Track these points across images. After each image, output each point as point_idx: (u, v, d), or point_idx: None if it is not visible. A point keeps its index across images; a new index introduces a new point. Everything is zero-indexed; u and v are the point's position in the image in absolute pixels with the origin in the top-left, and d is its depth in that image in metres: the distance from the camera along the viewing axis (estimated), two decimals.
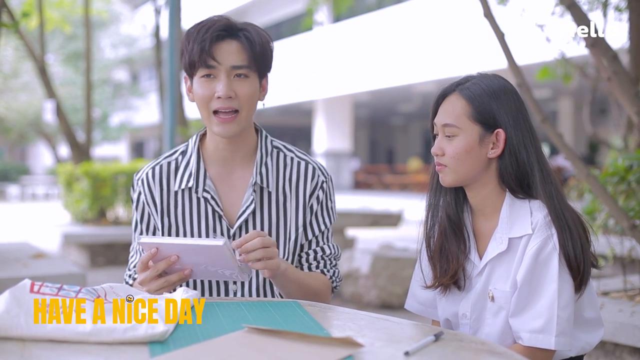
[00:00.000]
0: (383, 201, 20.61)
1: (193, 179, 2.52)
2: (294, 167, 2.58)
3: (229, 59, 2.40)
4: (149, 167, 2.59)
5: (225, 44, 2.41)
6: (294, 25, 28.57)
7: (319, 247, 2.59)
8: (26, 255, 5.42)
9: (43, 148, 41.50)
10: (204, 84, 2.42)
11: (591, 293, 2.30)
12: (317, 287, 2.52)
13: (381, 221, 9.65)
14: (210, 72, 2.40)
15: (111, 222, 10.95)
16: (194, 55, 2.39)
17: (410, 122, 41.69)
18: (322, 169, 2.62)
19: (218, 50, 2.39)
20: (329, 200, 2.62)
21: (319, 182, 2.58)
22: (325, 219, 2.61)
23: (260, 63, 2.46)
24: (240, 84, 2.42)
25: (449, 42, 21.41)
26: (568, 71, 7.13)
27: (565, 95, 26.89)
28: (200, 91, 2.43)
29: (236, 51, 2.41)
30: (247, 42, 2.42)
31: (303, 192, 2.56)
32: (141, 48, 33.58)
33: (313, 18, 10.83)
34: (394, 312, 6.58)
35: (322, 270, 2.59)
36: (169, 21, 9.39)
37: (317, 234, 2.59)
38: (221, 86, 2.38)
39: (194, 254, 2.19)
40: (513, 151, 2.25)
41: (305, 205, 2.56)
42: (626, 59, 4.71)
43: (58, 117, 12.18)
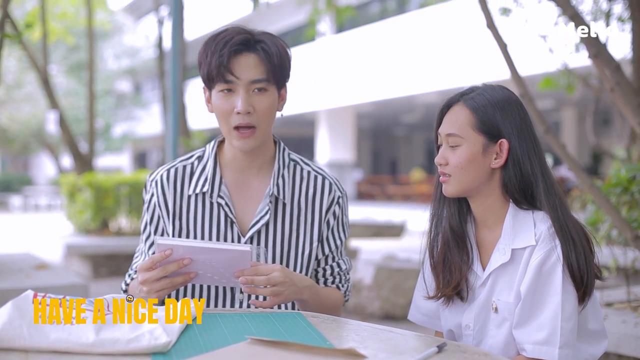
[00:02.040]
0: (386, 212, 20.61)
1: (208, 183, 2.52)
2: (310, 181, 2.59)
3: (247, 74, 2.40)
4: (163, 169, 2.60)
5: (244, 58, 2.40)
6: (297, 36, 28.61)
7: (335, 262, 2.61)
8: (29, 266, 5.42)
9: (46, 159, 41.56)
10: (222, 98, 2.42)
11: (595, 305, 2.29)
12: (332, 302, 2.56)
13: (384, 232, 9.66)
14: (228, 86, 2.40)
15: (114, 233, 10.95)
16: (212, 70, 2.39)
17: (413, 133, 41.71)
18: (338, 184, 2.63)
19: (236, 65, 2.39)
20: (344, 216, 2.64)
21: (335, 197, 2.59)
22: (340, 234, 2.62)
23: (278, 75, 2.46)
24: (258, 99, 2.43)
25: (451, 53, 21.44)
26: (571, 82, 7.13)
27: (568, 105, 26.90)
28: (219, 105, 2.43)
29: (254, 65, 2.41)
30: (265, 55, 2.42)
31: (320, 207, 2.57)
32: (144, 59, 33.67)
33: (315, 29, 10.85)
34: (397, 324, 6.57)
35: (338, 285, 2.61)
36: (172, 32, 9.40)
37: (333, 248, 2.60)
38: (240, 101, 2.39)
39: (208, 259, 2.18)
40: (517, 161, 2.25)
41: (322, 220, 2.57)
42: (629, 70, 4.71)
43: (61, 128, 12.21)
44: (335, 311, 2.54)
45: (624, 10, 5.84)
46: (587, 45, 3.86)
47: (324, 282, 2.60)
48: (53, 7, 15.57)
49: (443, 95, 2.36)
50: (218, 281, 2.27)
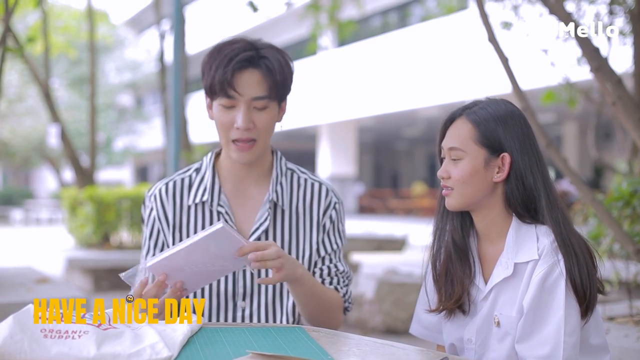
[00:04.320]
0: (387, 226, 20.61)
1: (208, 193, 2.54)
2: (307, 187, 2.61)
3: (250, 91, 2.41)
4: (162, 184, 2.61)
5: (247, 74, 2.41)
6: (299, 50, 28.68)
7: (332, 263, 2.60)
8: (30, 280, 5.41)
9: (47, 172, 41.58)
10: (223, 111, 2.43)
11: (597, 319, 2.28)
12: (330, 302, 2.53)
13: (386, 246, 9.63)
14: (230, 102, 2.41)
15: (115, 247, 10.95)
16: (215, 84, 2.40)
17: (415, 147, 41.75)
18: (334, 191, 2.65)
19: (239, 81, 2.39)
20: (339, 223, 2.64)
21: (331, 202, 2.61)
22: (337, 239, 2.62)
23: (280, 91, 2.48)
24: (259, 115, 2.44)
25: (453, 67, 21.48)
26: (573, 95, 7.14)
27: (570, 119, 26.93)
28: (220, 118, 2.44)
29: (257, 82, 2.42)
30: (268, 73, 2.43)
31: (317, 211, 2.59)
32: (146, 73, 33.74)
33: (317, 42, 10.86)
34: (398, 338, 6.55)
35: (336, 287, 2.60)
36: (174, 46, 9.41)
37: (330, 251, 2.60)
38: (240, 118, 2.40)
39: (199, 254, 2.17)
40: (519, 176, 2.25)
41: (319, 223, 2.58)
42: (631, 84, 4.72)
43: (62, 142, 12.23)
44: (333, 313, 2.53)
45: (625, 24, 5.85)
46: (588, 59, 3.86)
47: (322, 282, 2.58)
48: (55, 21, 15.63)
49: (444, 109, 2.36)
50: (222, 271, 2.24)
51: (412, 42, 24.05)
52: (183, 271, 2.18)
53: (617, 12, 5.96)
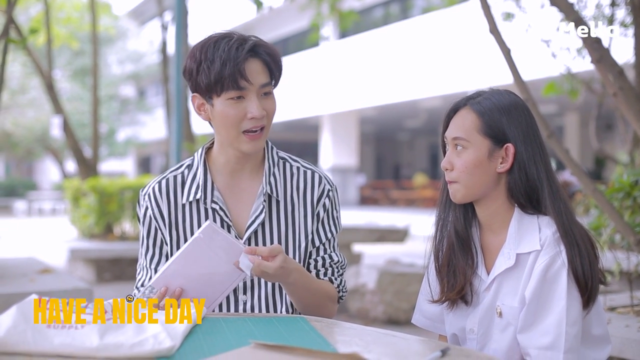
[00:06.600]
0: (389, 216, 20.58)
1: (201, 190, 2.52)
2: (300, 176, 2.60)
3: (258, 79, 2.41)
4: (155, 182, 2.60)
5: (253, 63, 2.42)
6: (300, 41, 28.63)
7: (326, 254, 2.59)
8: (33, 271, 5.41)
9: (50, 163, 41.61)
10: (233, 105, 2.41)
11: (599, 310, 2.29)
12: (324, 295, 2.53)
13: (387, 236, 9.62)
14: (240, 93, 2.40)
15: (118, 238, 10.95)
16: (224, 78, 2.37)
17: (417, 138, 41.69)
18: (327, 178, 2.64)
19: (248, 71, 2.39)
20: (334, 210, 2.63)
21: (325, 190, 2.60)
22: (331, 227, 2.61)
23: (278, 77, 2.50)
24: (267, 102, 2.45)
25: (455, 58, 21.43)
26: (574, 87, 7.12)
27: (572, 110, 26.87)
28: (229, 113, 2.41)
29: (262, 69, 2.43)
30: (269, 59, 2.45)
31: (311, 200, 2.58)
32: (148, 64, 33.71)
33: (319, 34, 10.84)
34: (400, 328, 6.56)
35: (330, 278, 2.59)
36: (176, 37, 9.40)
37: (324, 241, 2.59)
38: (254, 107, 2.39)
39: (197, 257, 2.18)
40: (522, 166, 2.25)
41: (313, 212, 2.57)
42: (632, 74, 4.70)
43: (65, 133, 12.21)
44: (327, 305, 2.53)
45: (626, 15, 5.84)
46: (590, 50, 3.86)
47: (316, 273, 2.58)
48: (57, 12, 15.60)
49: (446, 100, 2.37)
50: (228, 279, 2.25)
51: (414, 33, 24.00)
52: (189, 280, 2.21)
53: (618, 3, 5.94)
